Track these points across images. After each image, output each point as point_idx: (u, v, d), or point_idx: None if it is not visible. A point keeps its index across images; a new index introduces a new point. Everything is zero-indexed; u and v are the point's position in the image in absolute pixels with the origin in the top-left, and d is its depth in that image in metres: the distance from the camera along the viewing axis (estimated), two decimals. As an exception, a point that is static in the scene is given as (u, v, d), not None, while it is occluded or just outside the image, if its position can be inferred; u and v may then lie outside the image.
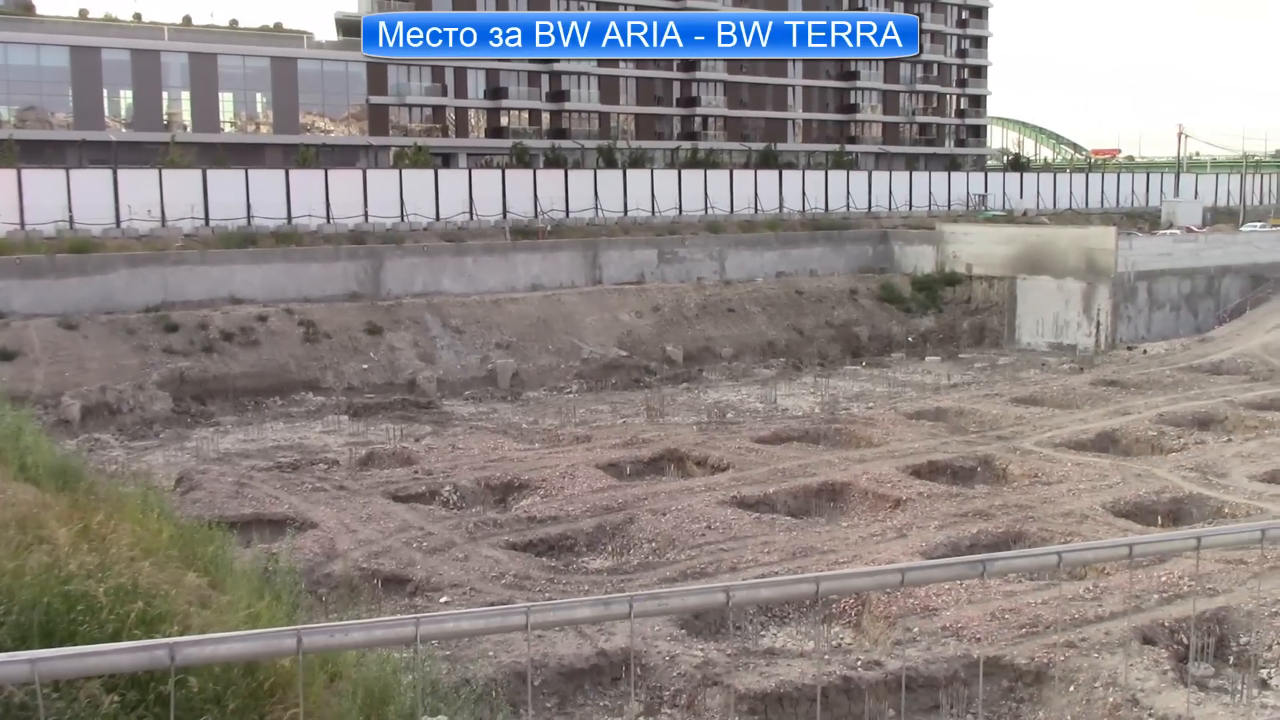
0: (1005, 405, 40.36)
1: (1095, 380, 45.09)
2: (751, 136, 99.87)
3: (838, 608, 21.73)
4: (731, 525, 25.99)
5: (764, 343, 54.69)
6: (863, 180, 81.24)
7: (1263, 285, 60.49)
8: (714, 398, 45.04)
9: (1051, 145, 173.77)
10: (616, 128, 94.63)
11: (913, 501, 27.79)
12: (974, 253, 61.53)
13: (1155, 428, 35.97)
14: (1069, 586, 21.81)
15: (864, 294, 60.05)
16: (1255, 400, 40.17)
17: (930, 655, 18.85)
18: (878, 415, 39.01)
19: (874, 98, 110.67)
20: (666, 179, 71.93)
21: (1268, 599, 20.29)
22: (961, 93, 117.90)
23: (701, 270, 60.06)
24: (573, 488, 29.32)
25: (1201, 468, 30.73)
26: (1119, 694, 17.30)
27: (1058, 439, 34.62)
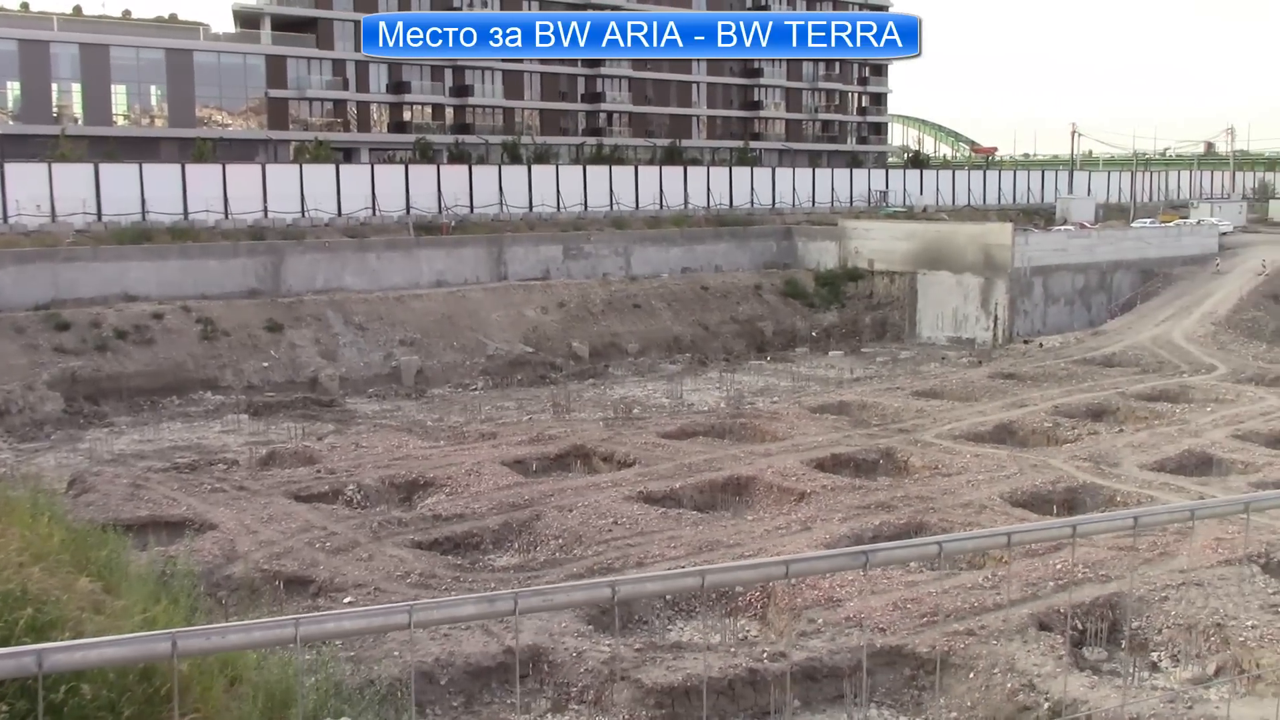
0: (906, 398, 41.00)
1: (993, 373, 46.01)
2: (656, 133, 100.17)
3: (743, 600, 21.87)
4: (638, 521, 26.02)
5: (670, 338, 54.88)
6: (767, 177, 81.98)
7: (1152, 280, 62.23)
8: (620, 393, 45.07)
9: (950, 143, 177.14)
10: (521, 123, 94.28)
11: (817, 494, 28.08)
12: (875, 248, 62.41)
13: (1051, 419, 36.81)
14: (968, 575, 22.23)
15: (768, 290, 60.56)
16: (1145, 392, 41.32)
17: (834, 646, 19.07)
18: (782, 409, 39.36)
19: (777, 95, 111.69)
20: (572, 175, 71.86)
21: (1157, 584, 20.87)
22: (863, 90, 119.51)
23: (607, 266, 60.08)
24: (478, 485, 29.12)
25: (1095, 458, 31.53)
26: (1016, 679, 17.67)
27: (957, 431, 35.24)
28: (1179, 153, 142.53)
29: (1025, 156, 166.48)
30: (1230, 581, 20.84)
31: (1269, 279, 59.43)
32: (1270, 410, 37.50)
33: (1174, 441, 33.36)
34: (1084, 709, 16.62)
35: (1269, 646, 18.34)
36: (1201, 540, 23.11)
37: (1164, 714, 16.23)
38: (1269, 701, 16.93)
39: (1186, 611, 19.81)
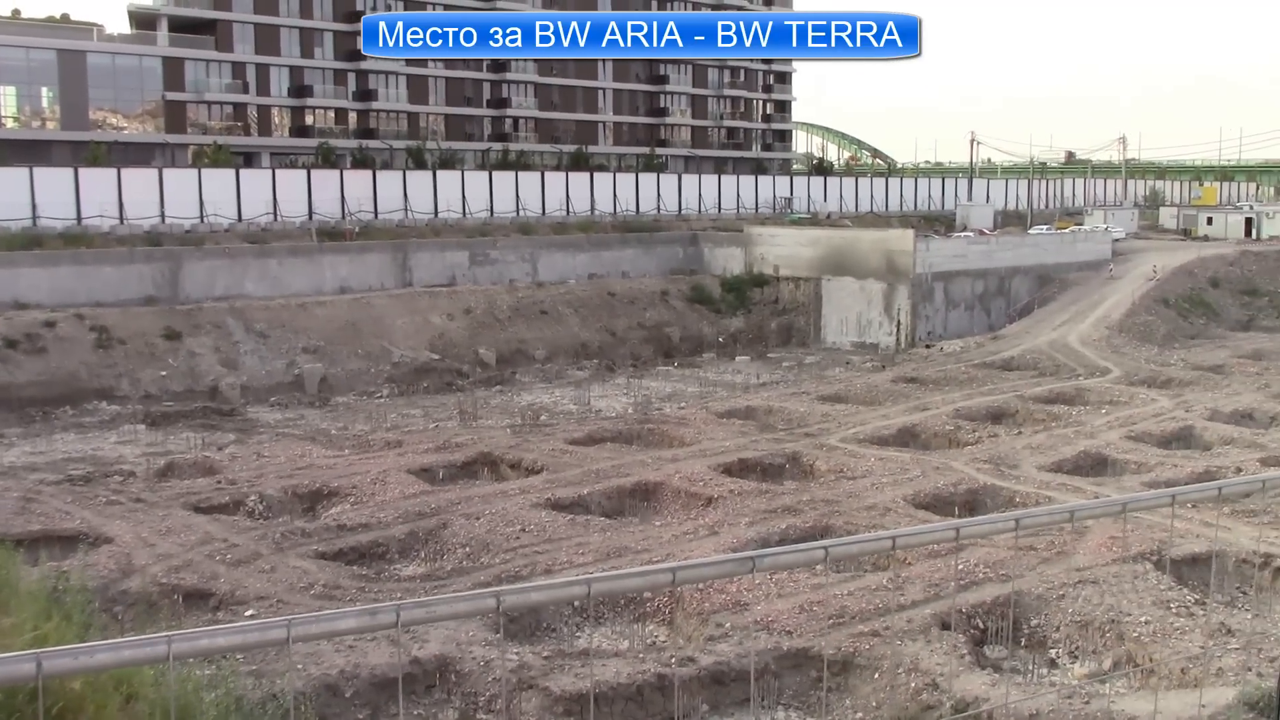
0: (812, 403, 41.42)
1: (896, 377, 46.69)
2: (563, 138, 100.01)
3: (651, 606, 21.89)
4: (546, 528, 25.91)
5: (577, 344, 54.81)
6: (673, 183, 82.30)
7: (1049, 285, 63.72)
8: (527, 400, 44.89)
9: (854, 150, 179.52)
10: (426, 128, 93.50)
11: (724, 499, 28.23)
12: (781, 254, 62.99)
13: (952, 422, 37.45)
14: (873, 577, 22.50)
15: (675, 295, 60.80)
16: (1043, 394, 42.25)
17: (742, 649, 19.16)
18: (689, 415, 39.52)
19: (683, 102, 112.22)
20: (477, 180, 71.40)
21: (1055, 582, 21.32)
22: (767, 98, 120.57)
23: (514, 272, 59.83)
24: (384, 494, 28.77)
25: (995, 459, 32.14)
26: (920, 679, 17.92)
27: (862, 435, 35.70)
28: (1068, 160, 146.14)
29: (926, 164, 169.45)
30: (1124, 579, 21.37)
31: (1160, 284, 61.21)
32: (1162, 412, 38.59)
33: (1071, 443, 34.15)
34: (985, 706, 16.90)
35: (1162, 641, 18.84)
36: (1097, 539, 23.68)
37: (1062, 710, 16.55)
38: (1163, 695, 17.38)
39: (1083, 609, 20.26)
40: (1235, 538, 24.41)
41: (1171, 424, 36.78)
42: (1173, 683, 17.89)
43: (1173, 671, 18.09)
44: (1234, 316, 62.00)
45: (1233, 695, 14.09)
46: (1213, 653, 18.15)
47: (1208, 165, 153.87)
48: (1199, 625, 19.30)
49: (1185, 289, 62.07)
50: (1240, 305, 63.19)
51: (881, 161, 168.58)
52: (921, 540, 3.08)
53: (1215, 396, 41.25)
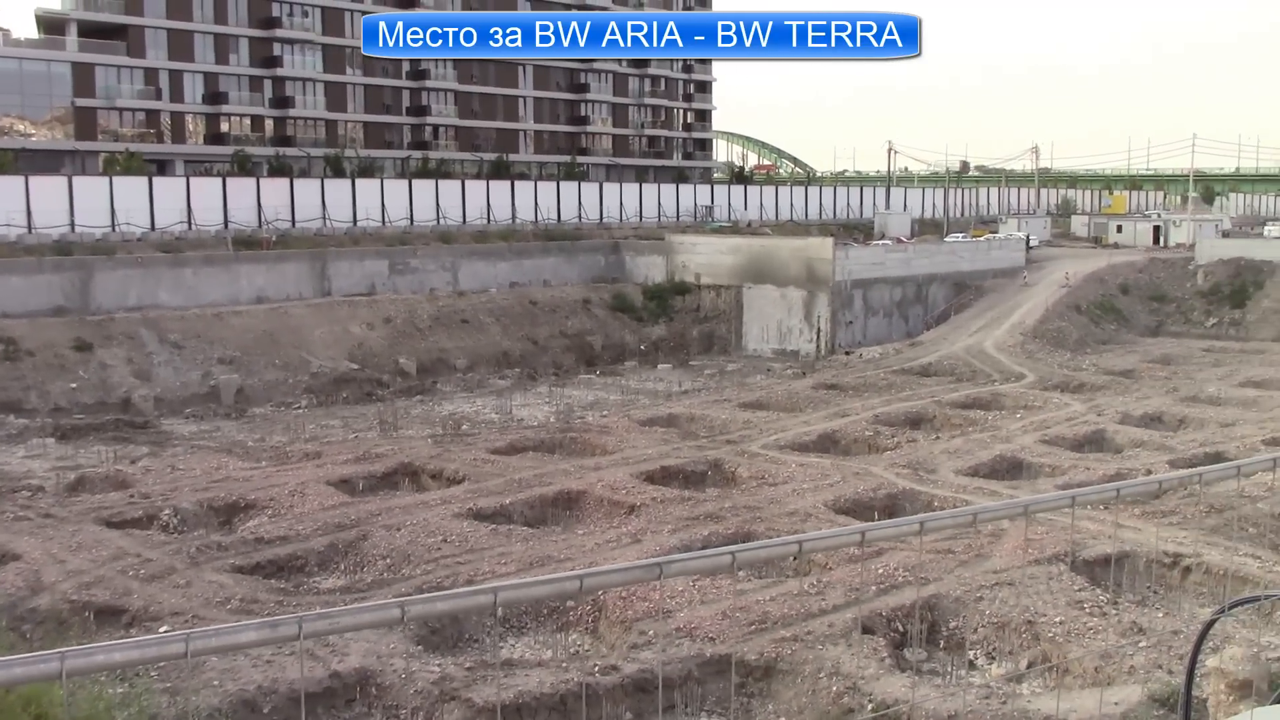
0: (734, 410, 41.64)
1: (816, 384, 47.12)
2: (483, 147, 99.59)
3: (575, 615, 21.84)
4: (468, 538, 25.74)
5: (499, 353, 54.54)
6: (594, 191, 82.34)
7: (965, 292, 64.75)
8: (449, 410, 44.57)
9: (773, 159, 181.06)
10: (344, 136, 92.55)
11: (647, 507, 28.26)
12: (702, 263, 63.28)
13: (871, 428, 37.88)
14: (794, 583, 22.64)
15: (597, 304, 60.79)
16: (960, 400, 42.90)
17: (665, 657, 19.19)
18: (612, 423, 39.52)
19: (604, 110, 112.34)
20: (397, 188, 70.80)
21: (973, 585, 21.64)
22: (688, 107, 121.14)
23: (434, 281, 59.39)
24: (303, 506, 28.38)
25: (913, 464, 32.56)
26: (842, 682, 18.08)
27: (783, 441, 35.96)
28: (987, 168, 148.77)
29: (843, 173, 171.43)
30: (1039, 580, 21.75)
31: (1072, 291, 62.49)
32: (1075, 416, 39.38)
33: (987, 447, 34.72)
34: (905, 708, 17.10)
35: (1075, 640, 19.20)
36: (1012, 542, 24.08)
37: (980, 710, 16.79)
38: (1077, 693, 17.71)
39: (999, 610, 20.59)
40: (1146, 538, 24.96)
41: (1084, 427, 37.55)
42: (1086, 681, 18.25)
43: (1086, 670, 18.46)
44: (1143, 322, 63.49)
45: (1143, 693, 14.44)
46: (1124, 651, 18.53)
47: (1117, 174, 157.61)
48: (1111, 624, 19.71)
49: (1096, 295, 63.44)
50: (1149, 311, 64.73)
51: (801, 170, 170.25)
52: (827, 544, 3.11)
53: (1126, 400, 42.20)
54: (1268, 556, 23.91)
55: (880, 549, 23.89)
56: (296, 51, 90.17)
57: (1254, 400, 42.21)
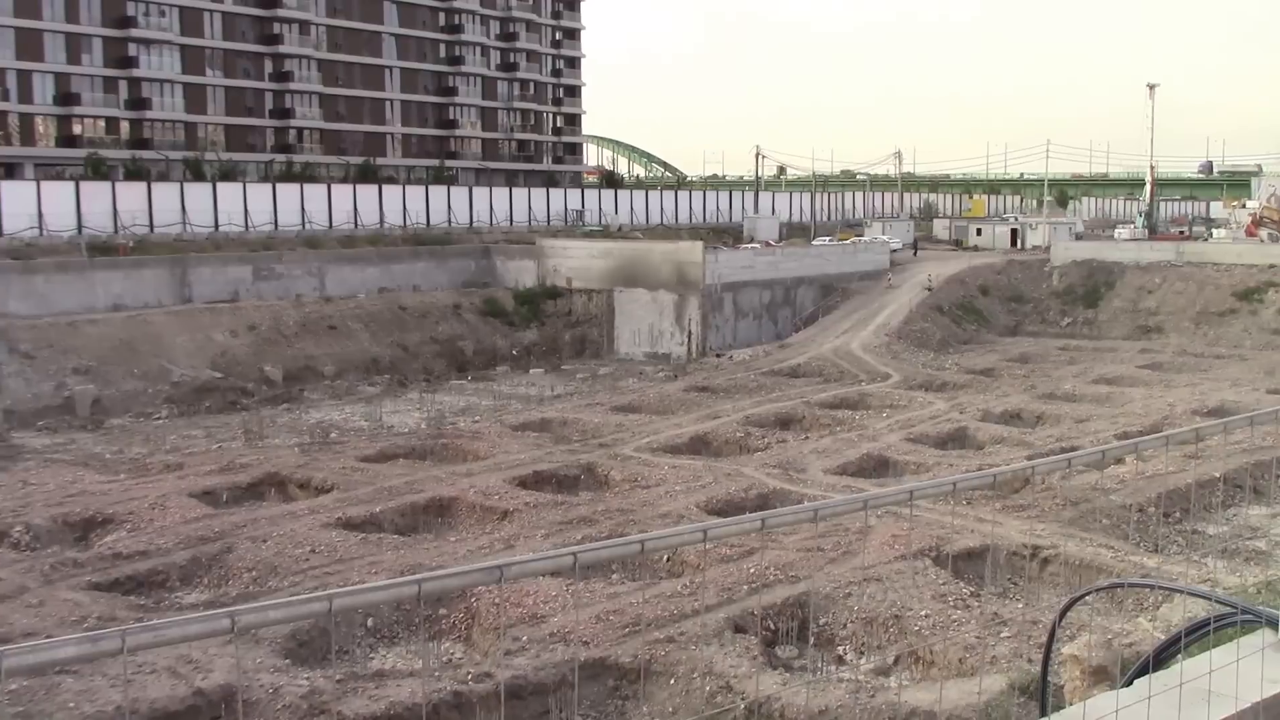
0: (606, 413, 41.70)
1: (688, 387, 47.46)
2: (350, 150, 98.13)
3: (448, 623, 21.61)
4: (337, 548, 25.27)
5: (368, 360, 53.70)
6: (464, 196, 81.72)
7: (832, 294, 65.94)
8: (317, 418, 43.72)
9: (644, 163, 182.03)
10: (205, 139, 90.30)
11: (520, 512, 28.11)
12: (573, 267, 63.26)
13: (742, 429, 38.29)
14: (668, 584, 22.77)
15: (468, 309, 60.28)
16: (828, 400, 43.64)
17: (540, 662, 19.08)
18: (484, 428, 39.24)
19: (473, 114, 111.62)
20: (261, 193, 69.27)
21: (842, 581, 22.01)
22: (558, 111, 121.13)
23: (300, 287, 58.20)
24: (164, 519, 27.52)
25: (783, 464, 33.01)
26: (714, 682, 18.21)
27: (655, 444, 36.11)
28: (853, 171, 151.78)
29: (712, 177, 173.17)
30: (906, 575, 22.23)
31: (935, 293, 64.11)
32: (938, 414, 40.38)
33: (854, 446, 35.37)
34: (777, 705, 17.30)
35: (941, 633, 19.67)
36: (880, 538, 24.57)
37: (849, 704, 17.08)
38: (942, 684, 18.13)
39: (868, 606, 20.98)
40: (1007, 531, 25.72)
41: (947, 425, 38.52)
42: (951, 672, 18.70)
43: (951, 661, 18.92)
44: (1002, 322, 65.46)
45: (1004, 682, 14.85)
46: (987, 642, 19.04)
47: (977, 179, 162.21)
48: (974, 616, 20.24)
49: (958, 297, 65.20)
50: (1008, 311, 66.77)
51: (670, 174, 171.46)
52: (670, 544, 3.11)
53: (986, 398, 43.43)
54: (1120, 546, 24.84)
55: (751, 549, 24.16)
56: (153, 52, 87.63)
57: (1107, 396, 43.82)
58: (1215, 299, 62.63)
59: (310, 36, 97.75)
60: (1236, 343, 58.27)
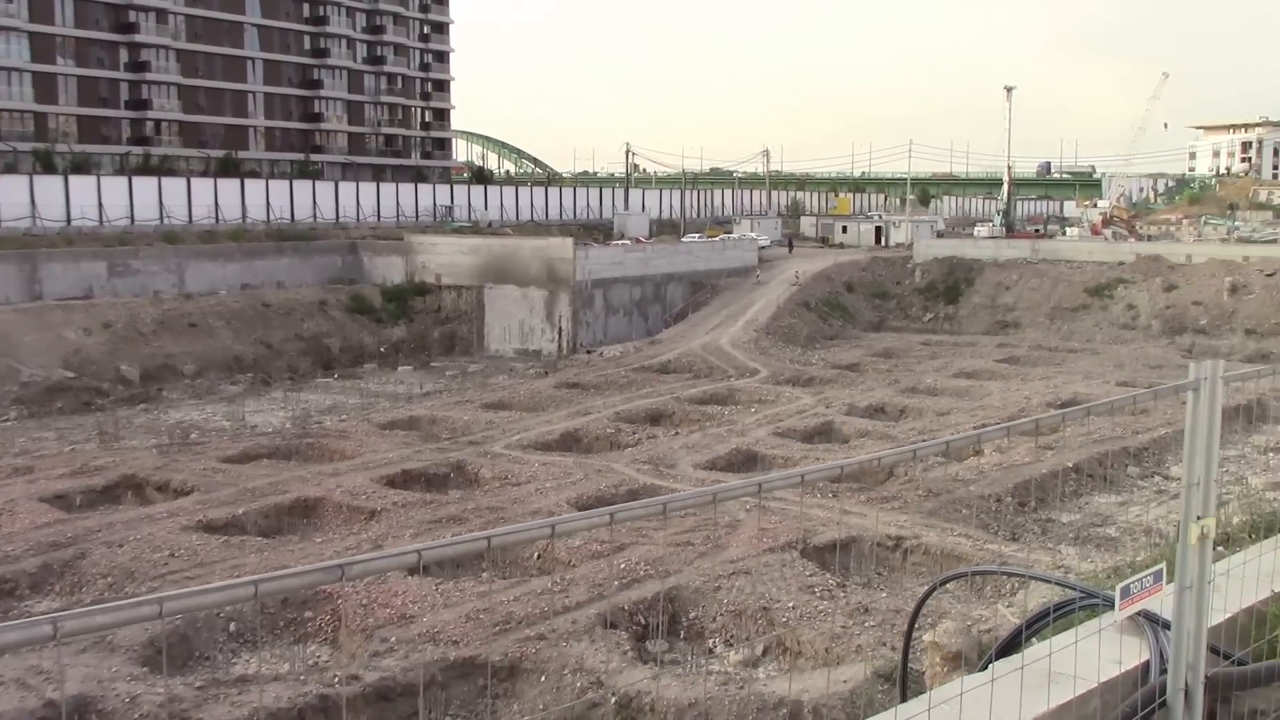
0: (476, 411, 41.39)
1: (559, 383, 47.39)
2: (210, 143, 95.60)
3: (313, 625, 21.19)
4: (197, 551, 24.58)
5: (230, 358, 52.36)
6: (330, 190, 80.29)
7: (702, 290, 66.53)
8: (176, 418, 42.49)
9: (514, 160, 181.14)
10: (56, 130, 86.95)
11: (388, 512, 27.72)
12: (442, 263, 62.65)
13: (613, 425, 38.37)
14: (539, 581, 22.67)
15: (334, 305, 59.23)
16: (697, 396, 44.01)
17: (408, 663, 18.84)
18: (351, 427, 38.61)
19: (339, 108, 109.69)
20: (116, 186, 67.01)
21: (711, 575, 22.20)
22: (426, 106, 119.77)
23: (159, 283, 56.47)
24: (11, 525, 26.42)
25: (654, 460, 33.18)
26: (585, 678, 18.20)
27: (526, 441, 35.98)
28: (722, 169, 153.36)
29: (585, 174, 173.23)
30: (774, 568, 22.52)
31: (802, 289, 65.14)
32: (805, 409, 41.03)
33: (724, 441, 35.73)
34: (648, 699, 17.37)
35: (807, 623, 19.99)
36: (748, 532, 24.86)
37: (719, 696, 17.23)
38: (809, 674, 18.42)
39: (736, 598, 21.20)
40: (870, 523, 26.26)
41: (814, 420, 39.17)
42: (817, 662, 19.01)
43: (817, 651, 19.24)
44: (867, 318, 66.85)
45: (868, 670, 15.15)
46: (852, 631, 19.41)
47: (842, 177, 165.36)
48: (839, 606, 20.61)
49: (824, 293, 66.36)
50: (872, 307, 68.21)
51: (541, 170, 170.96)
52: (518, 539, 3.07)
53: (852, 393, 44.28)
54: (979, 535, 25.57)
55: (622, 544, 24.23)
56: (0, 39, 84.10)
57: (966, 390, 45.07)
58: (1068, 295, 64.91)
59: (168, 26, 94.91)
60: (1088, 337, 60.51)
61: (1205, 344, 56.09)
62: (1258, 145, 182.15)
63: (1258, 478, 29.65)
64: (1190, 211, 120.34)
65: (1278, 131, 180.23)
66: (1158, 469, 32.42)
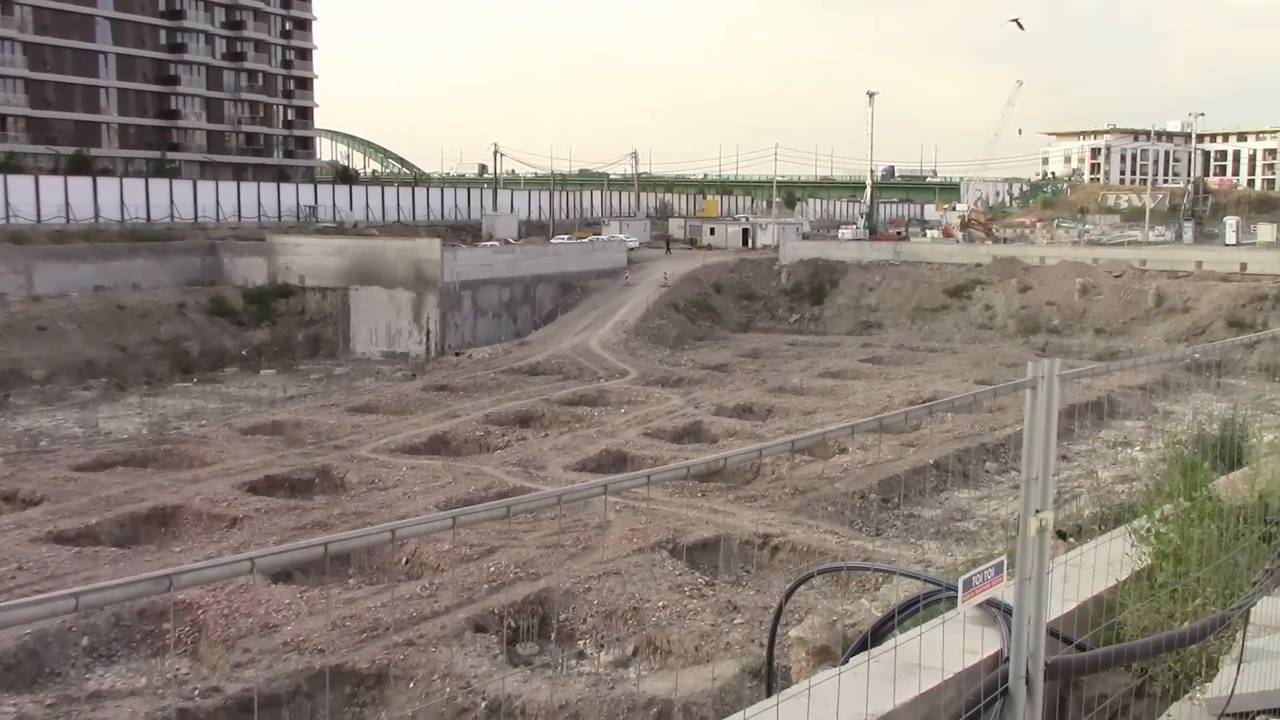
0: (342, 415, 40.69)
1: (427, 386, 46.87)
2: (60, 140, 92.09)
3: (172, 638, 20.56)
4: (47, 564, 23.66)
5: (82, 363, 50.49)
6: (188, 189, 78.07)
7: (571, 292, 66.48)
8: (24, 425, 40.81)
9: (380, 159, 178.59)
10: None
11: (250, 518, 27.07)
12: (307, 264, 61.44)
13: (482, 428, 38.09)
14: (407, 586, 22.38)
15: (193, 308, 57.59)
16: (567, 397, 43.95)
17: (272, 673, 18.41)
18: (211, 433, 37.61)
19: (197, 104, 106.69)
20: (-43, 184, 64.13)
21: (582, 576, 22.18)
22: (288, 104, 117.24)
23: (4, 285, 54.17)
24: None
25: (523, 462, 33.03)
26: (455, 683, 18.03)
27: (393, 445, 35.48)
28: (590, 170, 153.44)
29: (451, 174, 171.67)
30: (644, 568, 22.61)
31: (671, 290, 65.57)
32: (674, 409, 41.29)
33: (594, 442, 35.75)
34: (518, 703, 17.27)
35: (678, 623, 20.11)
36: (619, 533, 24.91)
37: (590, 697, 17.23)
38: (679, 673, 18.53)
39: (607, 599, 21.22)
40: (739, 521, 26.54)
41: (683, 420, 39.44)
42: (688, 660, 19.14)
43: (687, 650, 19.36)
44: (735, 319, 67.60)
45: (737, 666, 15.30)
46: (721, 629, 19.59)
47: (711, 180, 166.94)
48: (709, 605, 20.78)
49: (693, 294, 66.90)
50: (740, 309, 69.00)
51: (408, 171, 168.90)
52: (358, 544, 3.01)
53: (720, 393, 44.72)
54: (844, 532, 26.05)
55: (491, 547, 24.07)
56: None
57: (831, 389, 45.88)
58: (929, 296, 66.60)
59: (14, 18, 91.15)
60: (948, 337, 62.18)
61: (1058, 343, 58.13)
62: (1106, 151, 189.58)
63: (1107, 471, 30.84)
64: (1044, 215, 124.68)
65: (1125, 138, 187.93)
66: (1014, 464, 33.46)
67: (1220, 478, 11.01)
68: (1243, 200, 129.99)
